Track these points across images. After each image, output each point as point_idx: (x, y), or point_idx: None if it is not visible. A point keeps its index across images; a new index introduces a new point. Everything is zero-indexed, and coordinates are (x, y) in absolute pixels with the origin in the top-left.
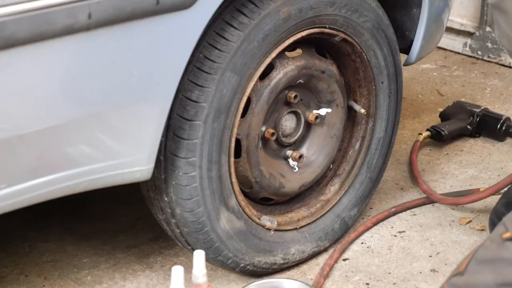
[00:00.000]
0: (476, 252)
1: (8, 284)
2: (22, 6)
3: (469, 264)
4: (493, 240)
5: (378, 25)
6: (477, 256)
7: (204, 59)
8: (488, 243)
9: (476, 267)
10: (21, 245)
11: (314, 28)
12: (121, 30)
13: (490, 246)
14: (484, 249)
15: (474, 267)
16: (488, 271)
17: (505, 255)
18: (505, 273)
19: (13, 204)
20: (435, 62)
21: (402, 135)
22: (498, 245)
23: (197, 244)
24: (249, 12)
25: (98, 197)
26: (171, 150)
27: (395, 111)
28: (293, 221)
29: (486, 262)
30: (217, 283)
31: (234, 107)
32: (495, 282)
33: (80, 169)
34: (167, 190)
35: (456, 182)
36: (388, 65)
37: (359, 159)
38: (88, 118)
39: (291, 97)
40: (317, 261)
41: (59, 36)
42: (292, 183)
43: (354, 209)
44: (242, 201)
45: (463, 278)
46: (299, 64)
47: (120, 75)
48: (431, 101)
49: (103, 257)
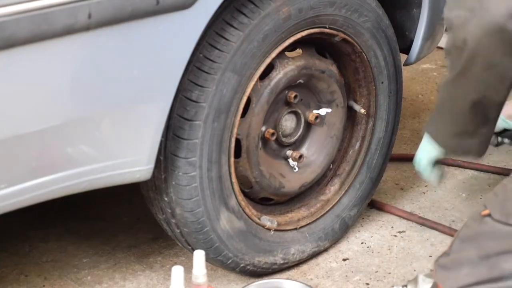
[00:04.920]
0: (460, 232)
1: (8, 284)
2: (22, 6)
3: (453, 243)
4: (474, 218)
5: (378, 25)
6: (461, 235)
7: (204, 59)
8: (470, 221)
9: (460, 245)
10: (21, 245)
11: (314, 28)
12: (121, 30)
13: (471, 224)
14: (466, 228)
15: (458, 245)
16: (471, 247)
17: (485, 229)
18: (485, 246)
19: (13, 204)
20: (435, 62)
21: (402, 135)
22: (478, 222)
23: (197, 244)
24: (249, 12)
25: (98, 197)
26: (171, 150)
27: (395, 111)
28: (293, 221)
29: (469, 239)
30: (217, 283)
31: (234, 107)
32: (477, 255)
33: (80, 169)
34: (167, 190)
35: (456, 182)
36: (388, 65)
37: (359, 159)
38: (88, 118)
39: (291, 97)
40: (317, 261)
41: (59, 36)
42: (292, 183)
43: (354, 209)
44: (242, 201)
45: (449, 257)
46: (299, 64)
47: (120, 75)
48: (431, 101)
49: (103, 257)
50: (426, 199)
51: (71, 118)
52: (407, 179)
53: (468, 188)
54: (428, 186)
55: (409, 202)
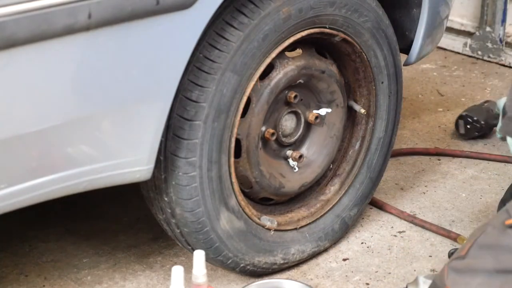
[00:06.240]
0: (479, 238)
1: (8, 284)
2: (22, 6)
3: (470, 248)
4: (495, 226)
5: (378, 25)
6: (479, 241)
7: (204, 59)
8: (491, 229)
9: (478, 251)
10: (21, 245)
11: (314, 28)
12: (121, 30)
13: (492, 232)
14: (486, 235)
15: (476, 252)
16: (489, 257)
17: (506, 241)
18: (504, 260)
19: (13, 204)
20: (435, 62)
21: (402, 135)
22: (500, 231)
23: (197, 244)
24: (249, 12)
25: (98, 197)
26: (171, 150)
27: (395, 111)
28: (293, 221)
29: (487, 247)
30: (217, 283)
31: (234, 107)
32: (494, 267)
33: (80, 169)
34: (167, 190)
35: (456, 182)
36: (388, 65)
37: (359, 159)
38: (88, 118)
39: (291, 97)
40: (317, 261)
41: (59, 36)
42: (292, 183)
43: (354, 209)
44: (242, 201)
45: (464, 261)
46: (299, 64)
47: (120, 75)
48: (431, 101)
49: (103, 257)
50: (426, 199)
51: (71, 118)
52: (407, 179)
53: (468, 188)
54: (428, 186)
55: (409, 202)
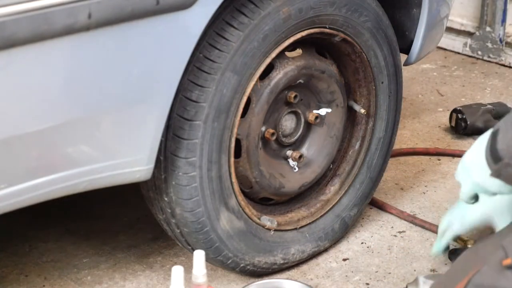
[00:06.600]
0: (473, 277)
1: (8, 284)
2: (22, 6)
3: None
4: (492, 266)
5: (378, 25)
6: (474, 281)
7: (204, 59)
8: (487, 269)
9: None
10: (21, 245)
11: (314, 28)
12: (121, 30)
13: (487, 273)
14: (481, 275)
15: None
16: None
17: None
18: None
19: (13, 204)
20: (435, 62)
21: (402, 135)
22: (497, 272)
23: (197, 244)
24: (249, 12)
25: (98, 197)
26: (171, 150)
27: (395, 111)
28: (293, 221)
29: None
30: (217, 283)
31: (234, 107)
32: None
33: (80, 169)
34: (167, 190)
35: (456, 182)
36: (388, 65)
37: (359, 159)
38: (88, 118)
39: (291, 97)
40: (317, 261)
41: (59, 36)
42: (292, 183)
43: (354, 209)
44: (242, 201)
45: None
46: (299, 64)
47: (120, 75)
48: (431, 101)
49: (103, 257)
50: (426, 199)
51: (71, 118)
52: (407, 179)
53: None
54: (428, 186)
55: (409, 202)
